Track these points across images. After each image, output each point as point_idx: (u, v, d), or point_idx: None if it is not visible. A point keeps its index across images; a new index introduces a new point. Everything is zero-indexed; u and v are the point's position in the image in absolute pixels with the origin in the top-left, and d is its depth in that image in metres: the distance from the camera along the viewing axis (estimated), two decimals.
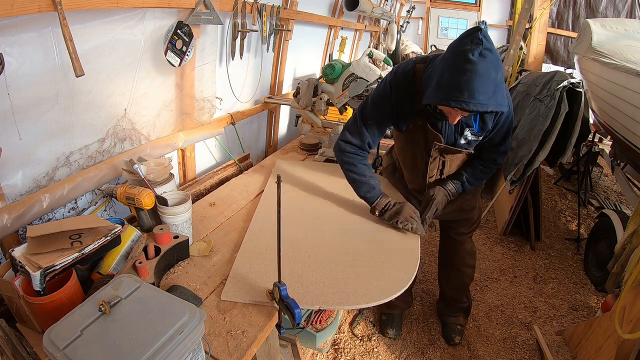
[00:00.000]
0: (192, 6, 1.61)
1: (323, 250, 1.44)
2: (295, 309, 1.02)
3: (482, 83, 1.13)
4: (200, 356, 0.92)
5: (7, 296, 1.06)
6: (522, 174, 2.43)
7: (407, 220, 1.53)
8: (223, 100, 2.15)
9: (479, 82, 1.13)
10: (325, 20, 3.36)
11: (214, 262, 1.39)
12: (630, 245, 1.88)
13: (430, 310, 2.31)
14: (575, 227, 3.17)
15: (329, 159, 2.34)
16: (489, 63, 1.13)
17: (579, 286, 2.62)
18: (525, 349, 2.09)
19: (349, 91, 2.07)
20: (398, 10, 6.00)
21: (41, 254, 1.01)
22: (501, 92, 1.20)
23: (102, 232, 1.14)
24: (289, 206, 1.73)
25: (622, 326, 1.52)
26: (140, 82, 1.61)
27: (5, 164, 1.21)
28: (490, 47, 1.14)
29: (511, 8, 6.69)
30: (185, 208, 1.40)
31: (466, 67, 1.13)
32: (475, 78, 1.13)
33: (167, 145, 1.80)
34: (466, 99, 1.14)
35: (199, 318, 0.87)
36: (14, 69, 1.14)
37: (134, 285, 0.94)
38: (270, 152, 2.83)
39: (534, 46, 3.76)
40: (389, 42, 4.64)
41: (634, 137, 2.42)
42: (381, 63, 2.21)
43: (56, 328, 0.82)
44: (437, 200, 1.60)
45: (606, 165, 4.03)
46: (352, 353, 2.00)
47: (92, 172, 1.47)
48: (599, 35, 2.71)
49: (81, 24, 1.27)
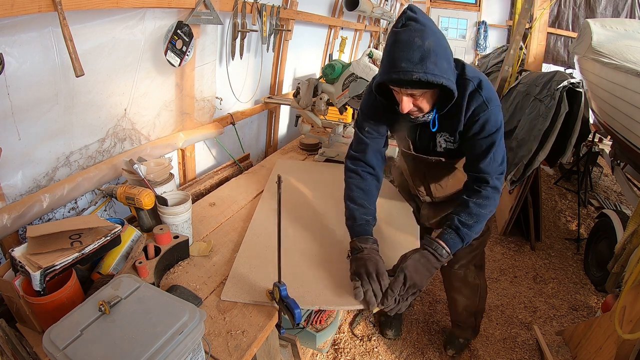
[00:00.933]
0: (192, 6, 1.60)
1: (323, 250, 1.44)
2: (295, 309, 1.02)
3: (404, 50, 1.05)
4: (200, 356, 0.92)
5: (7, 296, 1.06)
6: (522, 174, 2.43)
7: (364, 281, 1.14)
8: (223, 100, 2.15)
9: (401, 50, 1.05)
10: (325, 20, 3.36)
11: (214, 262, 1.39)
12: (630, 245, 1.88)
13: (430, 310, 2.31)
14: (575, 227, 3.17)
15: (329, 159, 2.34)
16: (412, 31, 1.05)
17: (579, 286, 2.62)
18: (525, 349, 2.09)
19: (349, 91, 2.07)
20: (398, 10, 6.00)
21: (41, 254, 1.01)
22: (435, 61, 1.05)
23: (102, 232, 1.14)
24: (289, 206, 1.73)
25: (622, 326, 1.52)
26: (140, 82, 1.61)
27: (5, 164, 1.21)
28: (416, 17, 1.07)
29: (511, 8, 6.70)
30: (185, 208, 1.40)
31: (390, 41, 1.09)
32: (396, 48, 1.06)
33: (167, 145, 1.80)
34: (389, 70, 1.08)
35: (199, 318, 0.87)
36: (14, 69, 1.14)
37: (134, 285, 0.94)
38: (270, 152, 2.83)
39: (534, 46, 3.75)
40: None
41: (634, 137, 2.42)
42: None
43: (56, 328, 0.82)
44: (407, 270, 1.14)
45: (606, 165, 4.03)
46: (352, 353, 2.00)
47: (92, 172, 1.46)
48: (599, 35, 2.71)
49: (81, 24, 1.27)
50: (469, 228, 1.23)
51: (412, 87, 1.12)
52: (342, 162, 2.27)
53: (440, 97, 1.21)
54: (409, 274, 1.14)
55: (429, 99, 1.19)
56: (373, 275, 1.14)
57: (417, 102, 1.18)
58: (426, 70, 1.04)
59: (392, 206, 1.76)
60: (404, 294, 1.13)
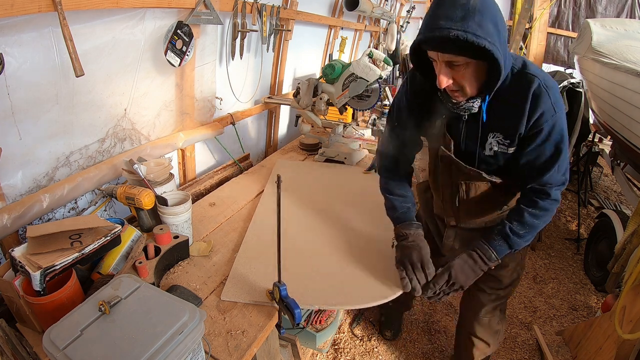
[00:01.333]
0: (192, 6, 1.60)
1: (324, 249, 1.44)
2: (295, 309, 1.02)
3: (445, 8, 0.92)
4: (200, 356, 0.92)
5: (7, 296, 1.06)
6: None
7: (408, 270, 1.18)
8: (223, 100, 2.15)
9: (441, 8, 0.93)
10: (325, 20, 3.36)
11: (214, 262, 1.39)
12: (630, 245, 1.89)
13: (430, 310, 2.31)
14: (575, 227, 3.17)
15: (329, 159, 2.35)
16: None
17: (579, 286, 2.62)
18: (525, 349, 2.09)
19: (349, 91, 2.07)
20: (398, 10, 5.99)
21: (41, 254, 1.01)
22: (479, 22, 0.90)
23: (102, 232, 1.14)
24: (289, 206, 1.73)
25: (622, 326, 1.52)
26: (140, 82, 1.61)
27: (5, 164, 1.21)
28: None
29: (511, 8, 6.68)
30: (185, 208, 1.40)
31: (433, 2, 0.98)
32: (437, 6, 0.95)
33: (167, 145, 1.80)
34: (425, 29, 0.95)
35: (199, 318, 0.87)
36: (14, 69, 1.14)
37: (134, 285, 0.94)
38: (270, 152, 2.83)
39: (534, 46, 3.76)
40: (389, 42, 4.64)
41: (634, 137, 2.42)
42: (381, 63, 2.21)
43: (56, 328, 0.82)
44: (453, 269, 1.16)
45: (606, 165, 4.03)
46: (352, 353, 2.00)
47: (92, 172, 1.46)
48: (599, 35, 2.71)
49: (81, 24, 1.27)
50: (520, 237, 1.16)
51: (451, 51, 0.96)
52: (342, 162, 2.29)
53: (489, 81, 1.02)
54: (454, 273, 1.16)
55: (472, 75, 1.02)
56: (417, 265, 1.18)
57: (458, 77, 1.02)
58: (467, 28, 0.89)
59: None
60: (446, 289, 1.17)
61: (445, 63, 1.00)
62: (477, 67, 1.01)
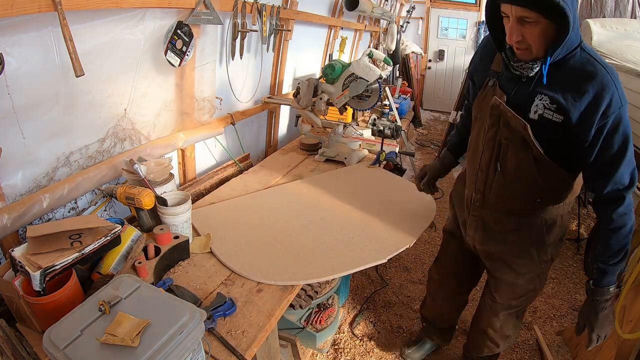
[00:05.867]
0: (192, 6, 1.60)
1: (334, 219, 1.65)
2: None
3: None
4: (200, 356, 0.92)
5: (7, 296, 1.06)
6: None
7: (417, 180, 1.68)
8: (223, 100, 2.14)
9: None
10: (325, 20, 3.36)
11: (214, 262, 1.39)
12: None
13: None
14: (575, 227, 3.17)
15: (329, 159, 2.35)
16: None
17: (579, 286, 2.62)
18: (525, 349, 2.09)
19: (349, 91, 2.07)
20: (398, 10, 5.99)
21: (41, 254, 1.01)
22: None
23: (102, 232, 1.14)
24: (287, 202, 1.74)
25: (622, 326, 1.52)
26: (140, 82, 1.61)
27: (6, 164, 1.21)
28: None
29: None
30: (185, 208, 1.40)
31: None
32: None
33: (167, 145, 1.80)
34: None
35: (199, 318, 0.87)
36: (14, 69, 1.14)
37: (134, 285, 0.94)
38: (270, 152, 2.83)
39: None
40: (389, 42, 4.64)
41: (634, 137, 2.42)
42: (381, 63, 2.21)
43: (56, 328, 0.82)
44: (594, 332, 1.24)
45: None
46: (352, 353, 2.00)
47: (92, 172, 1.46)
48: (599, 35, 2.71)
49: (81, 24, 1.27)
50: (618, 263, 1.17)
51: (525, 4, 0.98)
52: (342, 162, 2.29)
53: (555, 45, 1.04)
54: (597, 331, 1.24)
55: (540, 33, 1.03)
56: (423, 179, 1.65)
57: (527, 34, 1.03)
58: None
59: None
60: (601, 340, 1.26)
61: (517, 19, 1.03)
62: (547, 28, 1.03)
